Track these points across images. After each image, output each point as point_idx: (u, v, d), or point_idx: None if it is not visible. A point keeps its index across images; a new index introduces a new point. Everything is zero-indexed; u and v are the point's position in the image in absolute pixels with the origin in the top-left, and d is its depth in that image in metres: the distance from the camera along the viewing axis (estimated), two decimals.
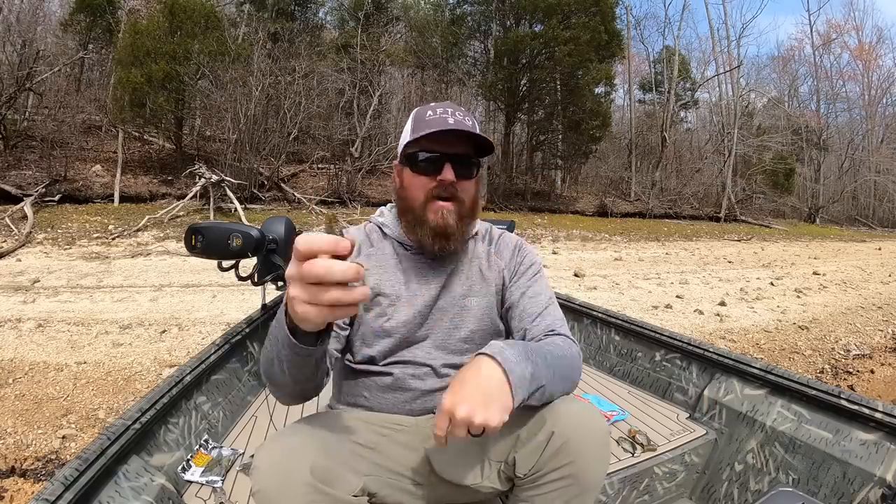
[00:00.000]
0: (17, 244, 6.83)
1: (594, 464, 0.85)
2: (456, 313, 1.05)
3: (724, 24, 23.17)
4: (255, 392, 1.67)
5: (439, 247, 1.00)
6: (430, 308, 1.04)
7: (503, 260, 1.11)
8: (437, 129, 0.95)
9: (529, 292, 1.06)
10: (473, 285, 1.07)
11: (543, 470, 0.84)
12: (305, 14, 16.55)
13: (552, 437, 0.83)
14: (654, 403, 1.68)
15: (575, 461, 0.82)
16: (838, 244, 16.57)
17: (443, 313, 1.05)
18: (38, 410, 2.78)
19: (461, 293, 1.06)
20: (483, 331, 1.06)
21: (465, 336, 1.05)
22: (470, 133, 0.97)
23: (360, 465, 0.86)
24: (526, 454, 0.85)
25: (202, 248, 1.52)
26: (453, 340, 1.05)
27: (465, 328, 1.05)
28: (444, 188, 0.98)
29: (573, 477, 0.83)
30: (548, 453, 0.83)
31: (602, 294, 6.20)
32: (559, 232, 12.23)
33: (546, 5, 13.95)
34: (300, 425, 0.87)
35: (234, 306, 4.75)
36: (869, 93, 29.05)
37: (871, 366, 4.54)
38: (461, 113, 1.01)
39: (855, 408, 1.21)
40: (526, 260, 1.11)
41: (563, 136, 15.86)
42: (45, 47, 11.21)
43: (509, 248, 1.13)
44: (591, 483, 0.85)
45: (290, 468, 0.75)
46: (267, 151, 11.16)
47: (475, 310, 1.06)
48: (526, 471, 0.85)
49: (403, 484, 0.93)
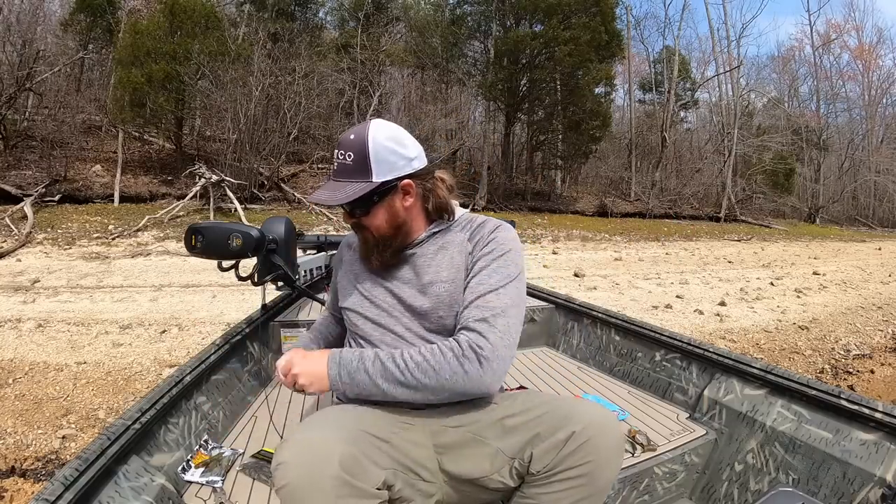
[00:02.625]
0: (17, 244, 6.84)
1: (609, 466, 0.87)
2: (425, 301, 1.05)
3: (724, 24, 23.22)
4: (256, 392, 1.67)
5: (375, 262, 1.10)
6: (398, 300, 1.07)
7: (472, 244, 1.09)
8: (320, 202, 1.07)
9: (479, 276, 1.02)
10: (441, 272, 1.06)
11: (560, 467, 0.86)
12: (305, 14, 16.57)
13: (572, 436, 0.85)
14: (654, 403, 1.68)
15: (593, 461, 0.85)
16: (838, 244, 16.57)
17: (413, 301, 1.06)
18: (38, 410, 2.78)
19: (429, 280, 1.06)
20: (454, 316, 1.03)
21: (434, 322, 1.04)
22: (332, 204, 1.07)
23: (380, 458, 0.86)
24: (544, 450, 0.87)
25: (202, 248, 1.52)
26: (431, 327, 1.05)
27: (435, 314, 1.04)
28: (354, 227, 1.11)
29: (588, 476, 0.85)
30: (566, 451, 0.85)
31: (602, 294, 6.20)
32: (559, 232, 12.24)
33: (546, 5, 13.95)
34: (320, 419, 0.88)
35: (234, 306, 4.75)
36: (869, 93, 29.08)
37: (871, 366, 4.54)
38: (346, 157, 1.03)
39: (855, 408, 1.21)
40: (493, 242, 1.06)
41: (563, 136, 15.86)
42: (45, 47, 11.22)
43: (483, 233, 1.09)
44: (602, 484, 0.87)
45: (318, 461, 0.75)
46: (267, 151, 11.16)
47: (444, 296, 1.04)
48: (541, 467, 0.87)
49: (415, 479, 0.93)
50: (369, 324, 1.09)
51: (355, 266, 1.18)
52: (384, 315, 1.08)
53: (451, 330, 1.03)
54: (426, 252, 1.09)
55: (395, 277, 1.10)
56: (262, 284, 1.76)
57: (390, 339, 1.06)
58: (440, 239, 1.10)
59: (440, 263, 1.07)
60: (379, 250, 1.09)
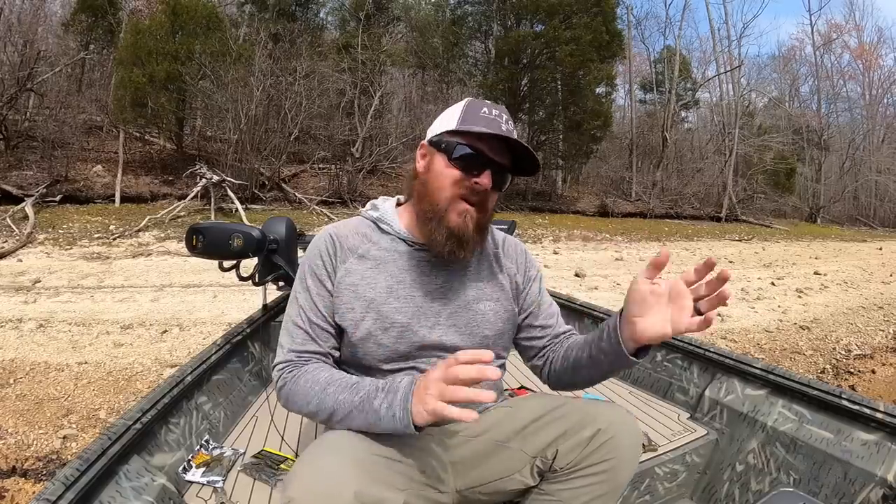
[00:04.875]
0: (19, 244, 6.84)
1: (629, 464, 0.89)
2: (471, 318, 1.00)
3: (724, 24, 23.13)
4: (256, 392, 1.67)
5: (450, 250, 0.93)
6: (435, 310, 0.98)
7: (514, 264, 1.09)
8: (493, 132, 0.90)
9: (545, 300, 1.12)
10: (485, 288, 1.03)
11: (583, 464, 0.87)
12: (307, 14, 16.56)
13: (598, 433, 0.87)
14: (655, 403, 1.67)
15: (615, 458, 0.87)
16: (839, 244, 16.53)
17: (455, 317, 0.99)
18: (39, 410, 2.78)
19: (473, 297, 1.01)
20: (497, 335, 1.03)
21: (479, 342, 1.00)
22: (525, 148, 0.93)
23: (397, 480, 0.82)
24: (570, 447, 0.88)
25: (203, 248, 1.52)
26: (469, 346, 0.98)
27: (480, 334, 1.00)
28: (475, 191, 0.92)
29: (610, 472, 0.87)
30: (590, 448, 0.87)
31: (603, 294, 6.19)
32: (560, 232, 12.23)
33: (548, 5, 13.94)
34: (331, 444, 0.81)
35: (235, 306, 4.75)
36: (869, 92, 29.02)
37: (872, 366, 4.53)
38: (508, 118, 0.96)
39: (856, 408, 1.20)
40: (533, 267, 1.13)
41: (563, 136, 15.85)
42: (46, 48, 11.23)
43: (518, 253, 1.12)
44: (621, 481, 0.89)
45: (333, 497, 0.69)
46: (268, 152, 11.16)
47: (489, 314, 1.01)
48: (565, 463, 0.88)
49: (433, 494, 0.91)
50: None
51: (383, 258, 1.00)
52: (423, 317, 0.99)
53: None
54: (469, 262, 1.05)
55: (438, 279, 1.02)
56: (263, 285, 1.76)
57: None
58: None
59: (482, 279, 1.05)
60: (462, 241, 0.94)
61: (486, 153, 0.92)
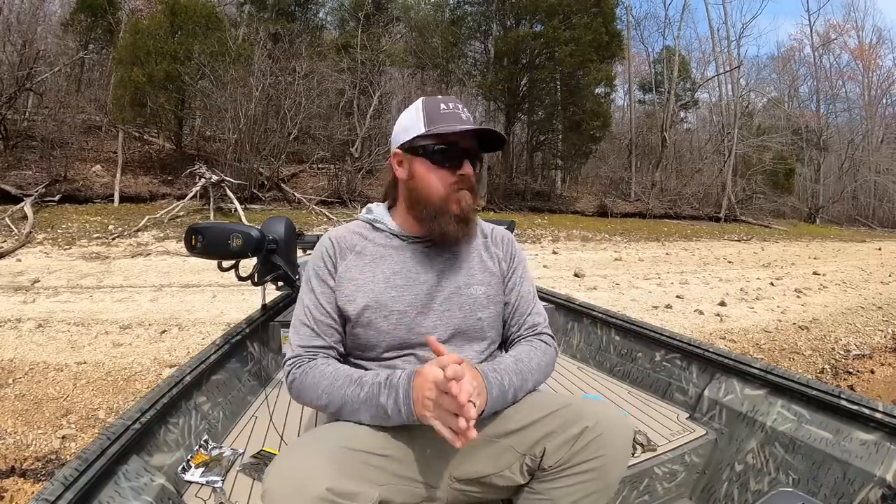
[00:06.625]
0: (18, 244, 6.84)
1: (619, 461, 0.89)
2: (464, 302, 1.05)
3: (724, 25, 23.17)
4: (255, 392, 1.67)
5: (462, 233, 1.03)
6: (431, 296, 1.03)
7: (500, 250, 1.15)
8: (465, 128, 0.99)
9: (522, 290, 1.14)
10: (476, 274, 1.08)
11: (571, 462, 0.87)
12: (306, 14, 16.55)
13: (585, 431, 0.87)
14: (654, 403, 1.67)
15: (604, 456, 0.87)
16: (838, 244, 16.56)
17: (449, 302, 1.04)
18: (38, 410, 2.78)
19: (465, 282, 1.06)
20: (492, 318, 1.08)
21: (473, 324, 1.05)
22: (487, 130, 1.01)
23: (375, 475, 0.84)
24: (557, 445, 0.88)
25: (202, 248, 1.52)
26: (464, 328, 1.04)
27: (474, 316, 1.05)
28: (464, 181, 1.01)
29: (599, 470, 0.87)
30: (579, 446, 0.87)
31: (602, 294, 6.20)
32: (559, 232, 12.24)
33: (547, 5, 13.95)
34: (310, 440, 0.86)
35: (235, 306, 4.75)
36: (869, 93, 29.08)
37: (871, 366, 4.53)
38: (462, 106, 1.05)
39: (855, 408, 1.20)
40: (518, 255, 1.17)
41: (563, 137, 15.87)
42: (45, 47, 11.22)
43: (504, 241, 1.17)
44: (612, 480, 0.89)
45: (304, 486, 0.73)
46: (267, 151, 11.16)
47: (482, 298, 1.06)
48: (553, 462, 0.88)
49: (418, 489, 0.92)
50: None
51: (378, 252, 1.08)
52: (420, 304, 1.05)
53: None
54: (460, 249, 1.12)
55: (432, 267, 1.09)
56: (262, 284, 1.76)
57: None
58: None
59: (472, 265, 1.11)
60: (467, 221, 1.03)
61: (460, 146, 1.01)
